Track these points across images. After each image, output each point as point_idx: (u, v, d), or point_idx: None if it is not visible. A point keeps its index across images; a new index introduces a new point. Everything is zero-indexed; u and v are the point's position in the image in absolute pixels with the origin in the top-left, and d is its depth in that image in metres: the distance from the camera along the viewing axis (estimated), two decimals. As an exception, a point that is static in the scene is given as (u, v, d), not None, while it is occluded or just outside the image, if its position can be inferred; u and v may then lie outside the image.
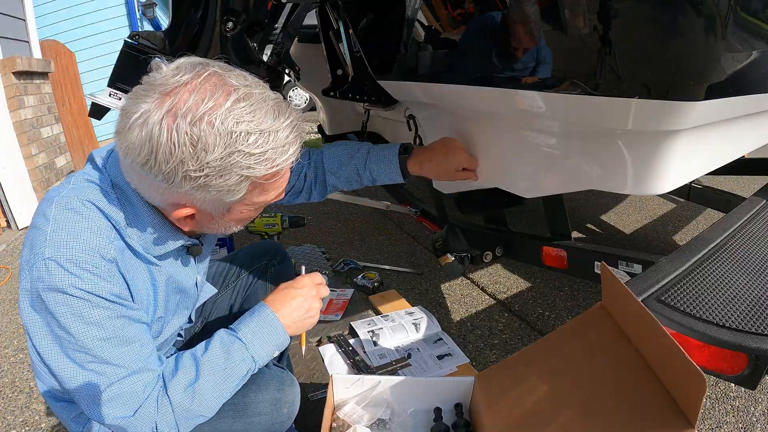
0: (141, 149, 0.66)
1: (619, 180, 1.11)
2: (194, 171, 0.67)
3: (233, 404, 0.93)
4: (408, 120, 1.78)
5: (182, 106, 0.65)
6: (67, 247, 0.72)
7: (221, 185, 0.70)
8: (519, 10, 1.05)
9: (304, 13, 2.01)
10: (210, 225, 0.82)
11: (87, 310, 0.72)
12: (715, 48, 0.84)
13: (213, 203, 0.75)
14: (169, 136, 0.65)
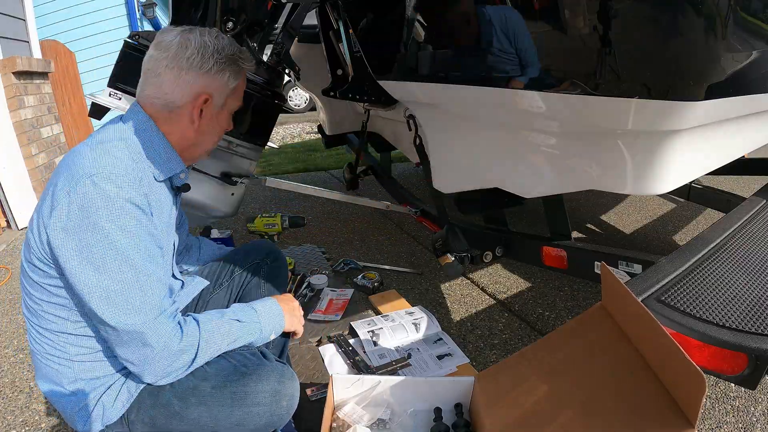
0: (187, 49, 0.98)
1: (619, 180, 1.11)
2: (217, 57, 1.01)
3: (233, 392, 0.96)
4: (408, 120, 1.78)
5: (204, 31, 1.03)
6: (108, 168, 0.89)
7: (230, 69, 1.04)
8: (519, 11, 1.05)
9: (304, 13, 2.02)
10: (208, 126, 1.05)
11: (127, 218, 0.88)
12: (715, 48, 0.84)
13: (221, 89, 1.04)
14: (203, 41, 1.00)
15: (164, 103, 1.00)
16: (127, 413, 0.97)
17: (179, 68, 0.98)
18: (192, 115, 1.02)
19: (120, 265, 0.86)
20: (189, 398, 0.96)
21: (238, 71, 1.05)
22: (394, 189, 2.74)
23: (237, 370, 0.99)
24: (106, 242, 0.85)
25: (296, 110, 8.62)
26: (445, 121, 1.56)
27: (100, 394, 0.97)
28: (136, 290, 0.88)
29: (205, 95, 1.01)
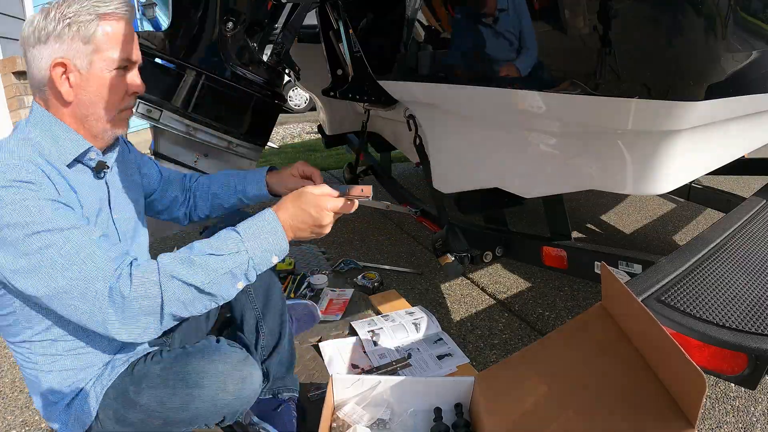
0: (29, 33, 0.90)
1: (619, 180, 1.11)
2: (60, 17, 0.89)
3: (176, 372, 0.91)
4: (408, 120, 1.78)
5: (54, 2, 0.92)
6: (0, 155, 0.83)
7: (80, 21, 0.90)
8: (519, 11, 1.05)
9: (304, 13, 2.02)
10: (85, 93, 0.93)
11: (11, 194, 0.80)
12: (715, 48, 0.84)
13: (75, 49, 0.91)
14: (43, 14, 0.90)
15: (36, 89, 0.94)
16: (99, 411, 0.96)
17: (32, 48, 0.90)
18: (59, 89, 0.91)
19: (31, 237, 0.79)
20: (141, 382, 0.94)
21: (89, 20, 0.90)
22: (394, 189, 2.74)
23: (185, 351, 0.97)
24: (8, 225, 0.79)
25: (296, 110, 8.62)
26: (445, 121, 1.56)
27: (70, 399, 0.97)
28: (60, 249, 0.80)
29: (57, 61, 0.89)
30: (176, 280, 0.82)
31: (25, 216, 0.80)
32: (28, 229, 0.80)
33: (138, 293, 0.80)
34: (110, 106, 0.96)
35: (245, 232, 0.86)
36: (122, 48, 0.94)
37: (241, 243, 0.85)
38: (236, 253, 0.84)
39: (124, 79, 0.97)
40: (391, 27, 1.41)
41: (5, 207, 0.79)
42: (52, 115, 0.93)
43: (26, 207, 0.80)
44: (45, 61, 0.90)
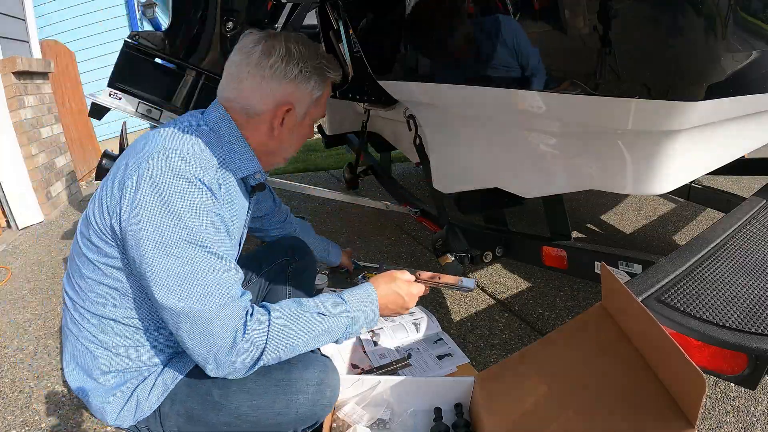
0: (263, 62, 0.96)
1: (619, 180, 1.11)
2: (302, 66, 0.98)
3: (278, 380, 0.94)
4: (408, 120, 1.78)
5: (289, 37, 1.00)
6: (184, 146, 0.87)
7: (316, 78, 1.01)
8: (519, 11, 1.05)
9: (304, 13, 2.02)
10: (289, 134, 1.03)
11: (196, 196, 0.84)
12: (715, 48, 0.84)
13: (305, 99, 1.01)
14: (288, 49, 0.97)
15: (243, 108, 0.98)
16: (161, 406, 0.95)
17: (261, 76, 0.96)
18: (272, 124, 1.00)
19: (188, 244, 0.82)
20: (230, 386, 0.93)
21: (323, 81, 1.02)
22: (394, 189, 2.75)
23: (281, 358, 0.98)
24: (176, 220, 0.81)
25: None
26: (445, 121, 1.56)
27: (134, 387, 0.95)
28: (205, 273, 0.82)
29: (287, 105, 0.99)
30: (282, 335, 0.87)
31: (194, 217, 0.83)
32: (188, 233, 0.82)
33: (246, 343, 0.83)
34: (296, 148, 1.10)
35: (350, 301, 0.96)
36: (324, 108, 1.09)
37: (346, 309, 0.94)
38: (340, 317, 0.93)
39: (312, 129, 1.11)
40: (391, 27, 1.41)
41: (180, 198, 0.82)
42: (242, 137, 0.99)
43: (197, 209, 0.84)
44: (276, 96, 0.97)
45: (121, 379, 0.96)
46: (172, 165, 0.83)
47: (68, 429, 1.38)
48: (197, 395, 0.94)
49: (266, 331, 0.85)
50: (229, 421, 0.94)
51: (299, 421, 0.96)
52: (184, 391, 0.95)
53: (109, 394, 0.95)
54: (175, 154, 0.85)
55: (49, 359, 1.73)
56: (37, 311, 2.10)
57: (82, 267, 0.93)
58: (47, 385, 1.58)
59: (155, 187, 0.82)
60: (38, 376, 1.64)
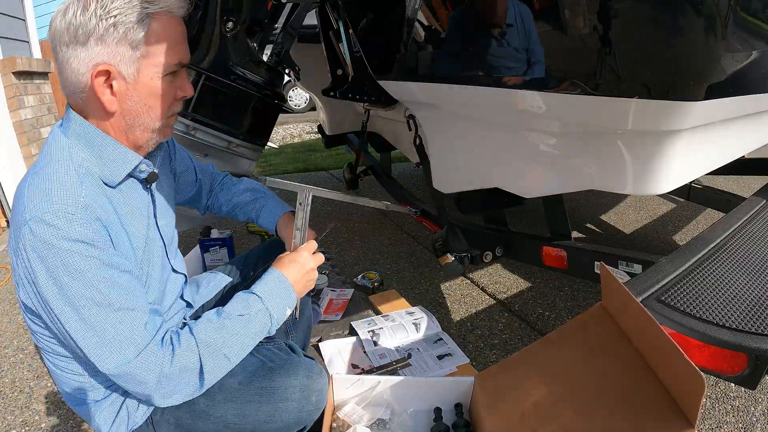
0: (63, 28, 0.78)
1: (619, 180, 1.11)
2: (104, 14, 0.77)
3: (261, 387, 0.93)
4: (408, 120, 1.78)
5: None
6: (42, 206, 0.76)
7: (127, 22, 0.78)
8: (519, 11, 1.05)
9: (304, 13, 2.02)
10: (132, 103, 0.84)
11: (76, 259, 0.76)
12: (715, 48, 0.84)
13: (122, 53, 0.80)
14: (80, 4, 0.77)
15: (74, 100, 0.84)
16: (152, 414, 0.95)
17: (66, 48, 0.79)
18: (101, 101, 0.81)
19: (84, 310, 0.77)
20: (215, 395, 0.93)
21: (139, 19, 0.79)
22: (394, 189, 2.74)
23: (264, 366, 0.97)
24: (63, 291, 0.76)
25: (296, 110, 8.62)
26: (445, 121, 1.56)
27: (123, 399, 0.95)
28: (111, 332, 0.78)
29: (100, 67, 0.79)
30: (212, 348, 0.86)
31: (80, 284, 0.76)
32: (80, 300, 0.77)
33: (178, 369, 0.83)
34: (159, 114, 0.88)
35: (263, 294, 0.94)
36: (175, 51, 0.85)
37: (262, 303, 0.93)
38: (260, 311, 0.92)
39: (174, 84, 0.88)
40: (391, 27, 1.41)
41: (63, 267, 0.75)
42: (95, 127, 0.84)
43: (81, 274, 0.76)
44: (84, 65, 0.79)
45: (107, 394, 0.95)
46: (37, 238, 0.75)
47: (68, 429, 1.38)
48: (185, 405, 0.92)
49: (196, 350, 0.84)
50: (217, 429, 0.94)
51: (287, 427, 0.95)
52: None
53: (98, 406, 0.95)
54: (36, 224, 0.75)
55: (49, 359, 1.73)
56: (37, 311, 2.11)
57: (28, 320, 0.90)
58: (47, 385, 1.58)
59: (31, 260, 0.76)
60: (38, 376, 1.64)
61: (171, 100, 0.89)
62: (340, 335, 1.76)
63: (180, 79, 0.89)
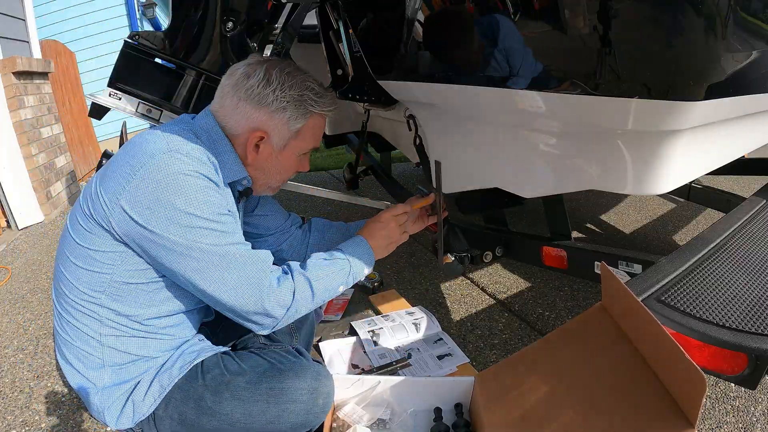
0: (243, 83, 0.97)
1: (619, 180, 1.11)
2: (280, 96, 0.98)
3: (269, 388, 0.95)
4: (408, 120, 1.78)
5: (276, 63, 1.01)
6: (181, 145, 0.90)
7: (293, 110, 0.99)
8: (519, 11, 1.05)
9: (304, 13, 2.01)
10: (266, 163, 1.03)
11: (210, 193, 0.89)
12: (715, 48, 0.84)
13: (280, 129, 1.00)
14: (264, 78, 0.98)
15: (223, 124, 1.00)
16: (156, 410, 0.95)
17: (238, 98, 0.98)
18: (246, 149, 1.00)
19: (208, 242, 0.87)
20: (222, 392, 0.94)
21: (303, 113, 1.00)
22: (394, 189, 2.74)
23: (273, 367, 0.98)
24: (188, 220, 0.86)
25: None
26: (445, 121, 1.56)
27: (130, 389, 0.95)
28: (235, 267, 0.89)
29: (260, 132, 0.99)
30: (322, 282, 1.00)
31: (212, 213, 0.88)
32: (209, 225, 0.87)
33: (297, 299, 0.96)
34: (280, 178, 1.09)
35: (345, 249, 1.09)
36: (316, 141, 1.07)
37: (343, 254, 1.07)
38: (341, 259, 1.06)
39: (301, 161, 1.10)
40: (391, 27, 1.41)
41: (194, 197, 0.86)
42: (230, 143, 1.00)
43: (213, 204, 0.89)
44: (249, 121, 0.98)
45: (116, 378, 0.95)
46: (177, 164, 0.86)
47: (68, 429, 1.38)
48: (191, 400, 0.94)
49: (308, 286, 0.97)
50: (222, 427, 0.94)
51: (293, 428, 0.96)
52: (178, 395, 0.95)
53: (106, 394, 0.95)
54: (179, 153, 0.88)
55: (49, 359, 1.73)
56: (37, 311, 2.10)
57: (71, 255, 0.94)
58: (47, 385, 1.58)
59: (159, 187, 0.85)
60: (38, 376, 1.64)
61: (293, 172, 1.11)
62: (340, 335, 1.76)
63: (305, 158, 1.12)
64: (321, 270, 1.01)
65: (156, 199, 0.84)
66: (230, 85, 0.99)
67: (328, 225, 1.37)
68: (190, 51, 1.90)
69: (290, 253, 1.32)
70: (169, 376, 0.96)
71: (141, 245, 0.89)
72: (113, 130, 5.83)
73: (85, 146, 5.27)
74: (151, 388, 0.95)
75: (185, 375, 0.97)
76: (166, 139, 0.91)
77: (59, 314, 0.98)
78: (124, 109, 2.02)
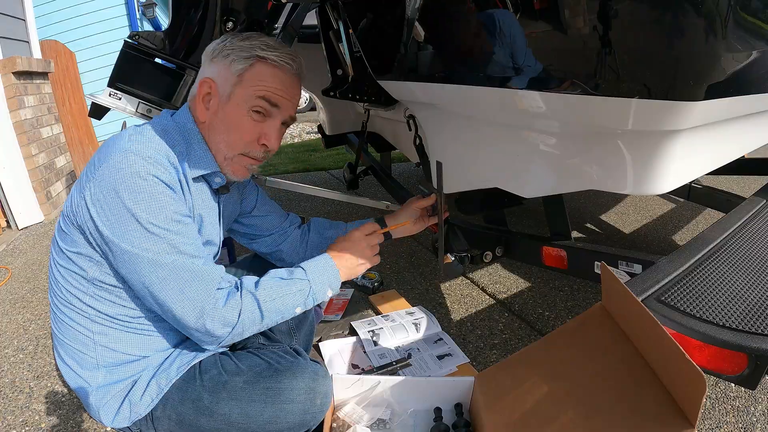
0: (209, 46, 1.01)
1: (619, 180, 1.11)
2: (228, 46, 0.98)
3: (267, 388, 0.94)
4: (408, 120, 1.78)
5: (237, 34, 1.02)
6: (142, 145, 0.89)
7: (238, 53, 0.97)
8: (519, 10, 1.05)
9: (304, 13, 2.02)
10: (216, 118, 0.98)
11: (162, 198, 0.87)
12: (715, 48, 0.84)
13: (224, 74, 0.97)
14: (225, 37, 1.00)
15: (191, 97, 1.03)
16: (154, 409, 0.95)
17: (204, 59, 1.02)
18: (197, 105, 0.99)
19: (155, 249, 0.86)
20: (220, 392, 0.94)
21: (248, 56, 0.96)
22: (394, 189, 2.74)
23: (271, 367, 0.98)
24: (136, 224, 0.85)
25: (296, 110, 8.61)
26: (445, 121, 1.56)
27: (126, 389, 0.95)
28: (177, 281, 0.88)
29: (205, 81, 0.98)
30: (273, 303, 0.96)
31: (160, 219, 0.86)
32: (157, 231, 0.86)
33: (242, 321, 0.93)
34: (233, 142, 0.99)
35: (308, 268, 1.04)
36: (265, 92, 0.97)
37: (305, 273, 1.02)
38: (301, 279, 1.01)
39: (258, 125, 0.99)
40: (391, 27, 1.41)
41: (142, 199, 0.85)
42: (195, 126, 0.99)
43: (162, 210, 0.87)
44: (201, 75, 1.00)
45: (111, 377, 0.96)
46: (132, 165, 0.85)
47: (68, 429, 1.38)
48: (189, 400, 0.94)
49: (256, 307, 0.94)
50: (220, 428, 0.94)
51: (291, 429, 0.96)
52: (176, 395, 0.95)
53: (101, 393, 0.95)
54: (134, 155, 0.87)
55: (49, 359, 1.73)
56: (37, 311, 2.10)
57: (56, 255, 0.96)
58: (47, 385, 1.58)
59: (112, 187, 0.85)
60: (38, 376, 1.64)
61: (249, 137, 0.99)
62: (340, 335, 1.76)
63: (267, 126, 1.00)
64: (275, 290, 0.97)
65: (109, 200, 0.85)
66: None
67: (327, 224, 1.37)
68: (190, 51, 1.90)
69: (289, 253, 1.32)
70: (166, 376, 0.96)
71: (98, 244, 0.90)
72: (113, 130, 5.84)
73: (85, 146, 5.26)
74: (149, 388, 0.95)
75: (183, 375, 0.97)
76: (130, 138, 0.91)
77: (54, 314, 0.99)
78: (124, 109, 2.02)
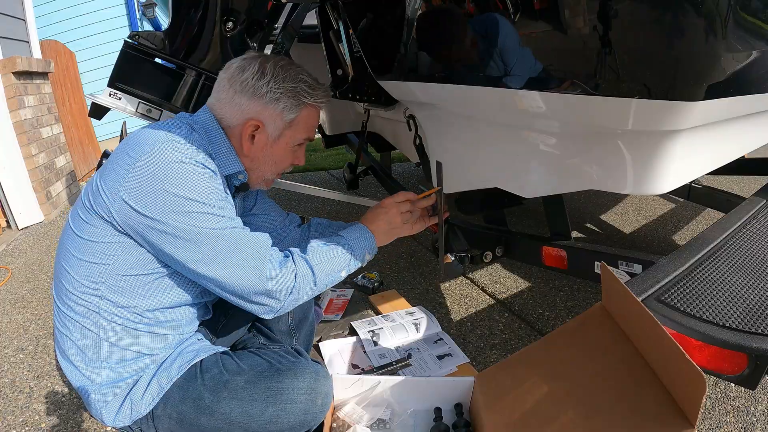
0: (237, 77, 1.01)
1: (619, 180, 1.11)
2: (274, 87, 1.01)
3: (268, 388, 0.95)
4: (408, 120, 1.78)
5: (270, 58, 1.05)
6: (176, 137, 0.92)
7: (286, 101, 1.02)
8: (519, 11, 1.05)
9: (304, 13, 2.02)
10: (261, 153, 1.05)
11: (207, 180, 0.91)
12: (715, 48, 0.84)
13: (275, 120, 1.02)
14: (259, 71, 1.01)
15: (220, 117, 1.03)
16: (154, 408, 0.95)
17: (234, 90, 1.01)
18: (242, 139, 1.02)
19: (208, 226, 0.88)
20: (221, 392, 0.94)
21: (296, 104, 1.03)
22: (394, 189, 2.74)
23: (272, 367, 0.98)
24: (187, 205, 0.87)
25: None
26: (445, 121, 1.56)
27: (128, 388, 0.95)
28: (235, 249, 0.90)
29: (255, 122, 1.01)
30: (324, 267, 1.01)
31: (211, 198, 0.90)
32: (208, 209, 0.89)
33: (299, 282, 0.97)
34: (274, 169, 1.10)
35: (347, 235, 1.10)
36: (310, 131, 1.09)
37: (344, 239, 1.08)
38: (344, 244, 1.08)
39: (296, 153, 1.10)
40: (391, 27, 1.41)
41: (189, 181, 0.88)
42: (226, 137, 1.03)
43: (208, 188, 0.91)
44: (245, 112, 1.01)
45: (114, 375, 0.96)
46: (172, 153, 0.88)
47: (68, 429, 1.38)
48: (190, 399, 0.94)
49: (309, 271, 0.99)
50: (221, 427, 0.94)
51: (291, 429, 0.96)
52: (177, 394, 0.95)
53: (104, 392, 0.95)
54: (176, 143, 0.90)
55: (49, 359, 1.73)
56: (37, 311, 2.10)
57: (71, 247, 0.95)
58: (47, 385, 1.58)
59: (165, 173, 0.87)
60: (38, 376, 1.64)
61: (288, 165, 1.11)
62: (340, 335, 1.76)
63: (300, 151, 1.11)
64: (322, 254, 1.02)
65: (155, 188, 0.86)
66: (226, 78, 1.02)
67: (327, 224, 1.37)
68: (190, 51, 1.90)
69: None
70: (167, 375, 0.96)
71: (142, 234, 0.89)
72: (113, 130, 5.84)
73: (85, 146, 5.27)
74: (150, 387, 0.95)
75: (184, 374, 0.97)
76: (163, 131, 0.93)
77: (59, 310, 0.98)
78: (124, 109, 2.02)
